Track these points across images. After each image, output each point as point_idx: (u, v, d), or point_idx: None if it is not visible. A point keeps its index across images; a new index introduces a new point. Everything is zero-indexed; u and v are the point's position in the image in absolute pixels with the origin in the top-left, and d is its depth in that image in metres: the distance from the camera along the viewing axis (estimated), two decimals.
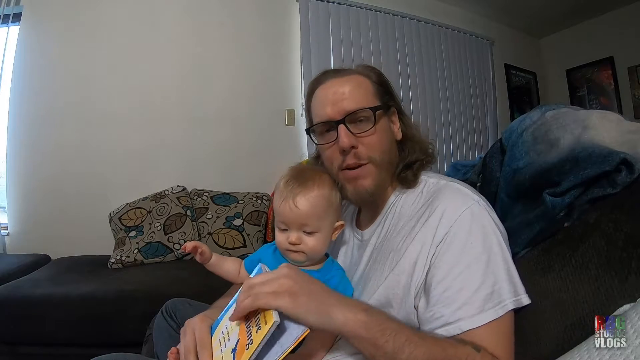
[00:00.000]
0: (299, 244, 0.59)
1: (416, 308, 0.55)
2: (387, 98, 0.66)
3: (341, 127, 0.60)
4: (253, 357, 0.44)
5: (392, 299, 0.56)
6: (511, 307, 0.50)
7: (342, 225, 0.65)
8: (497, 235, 0.54)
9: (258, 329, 0.45)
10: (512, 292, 0.51)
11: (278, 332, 0.45)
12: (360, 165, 0.61)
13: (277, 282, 0.46)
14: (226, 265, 0.71)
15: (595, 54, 3.41)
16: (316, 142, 0.67)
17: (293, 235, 0.59)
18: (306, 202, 0.58)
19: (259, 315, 0.47)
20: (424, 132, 0.70)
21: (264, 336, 0.44)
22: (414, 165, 0.64)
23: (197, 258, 0.68)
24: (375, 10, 2.75)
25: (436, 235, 0.54)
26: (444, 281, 0.52)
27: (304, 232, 0.60)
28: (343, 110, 0.60)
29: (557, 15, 3.37)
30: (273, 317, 0.44)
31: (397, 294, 0.56)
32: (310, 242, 0.60)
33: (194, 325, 0.55)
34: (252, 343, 0.45)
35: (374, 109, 0.61)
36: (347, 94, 0.61)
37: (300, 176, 0.61)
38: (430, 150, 0.68)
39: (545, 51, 3.86)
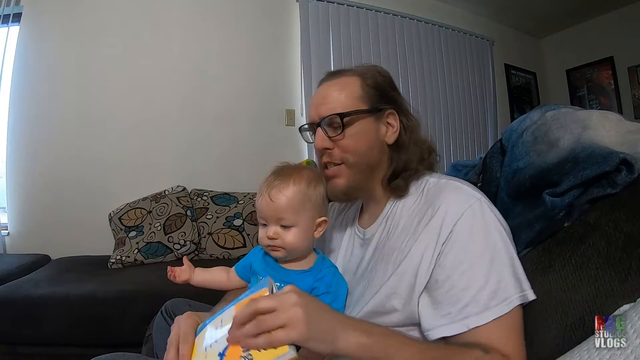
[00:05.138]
0: (276, 239, 0.60)
1: (421, 307, 0.55)
2: (377, 100, 0.65)
3: (318, 130, 0.64)
4: None
5: (395, 298, 0.56)
6: (517, 302, 0.50)
7: (326, 221, 0.65)
8: (500, 231, 0.54)
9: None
10: (517, 288, 0.51)
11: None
12: (335, 165, 0.64)
13: (286, 313, 0.43)
14: (212, 275, 0.72)
15: (595, 54, 3.41)
16: (307, 140, 0.72)
17: (271, 230, 0.60)
18: (281, 195, 0.59)
19: None
20: (427, 136, 0.69)
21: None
22: (405, 174, 0.64)
23: (178, 276, 0.69)
24: (375, 10, 2.76)
25: (440, 234, 0.54)
26: (448, 280, 0.52)
27: (281, 226, 0.60)
28: (319, 114, 0.64)
29: (557, 15, 3.37)
30: (287, 349, 0.43)
31: (401, 294, 0.56)
32: (288, 237, 0.60)
33: (180, 321, 0.56)
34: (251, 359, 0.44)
35: (342, 115, 0.62)
36: (328, 99, 0.64)
37: (279, 172, 0.63)
38: (429, 158, 0.66)
39: (545, 51, 3.86)
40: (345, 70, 0.68)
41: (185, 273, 0.69)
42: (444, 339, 0.52)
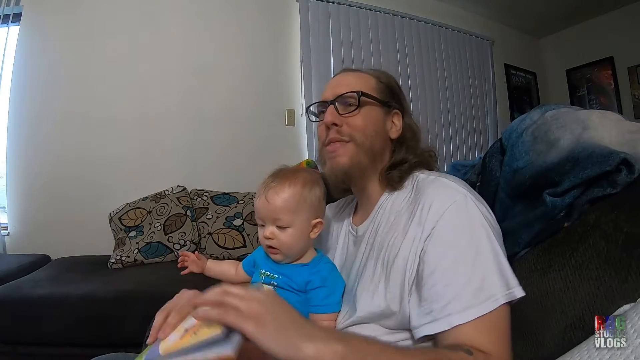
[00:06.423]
0: (272, 239, 0.62)
1: (410, 306, 0.54)
2: (388, 98, 0.69)
3: (330, 106, 0.67)
4: (183, 347, 0.42)
5: (391, 298, 0.56)
6: (503, 301, 0.49)
7: (321, 223, 0.66)
8: (485, 228, 0.53)
9: (208, 326, 0.43)
10: (503, 286, 0.49)
11: (218, 339, 0.41)
12: (341, 141, 0.65)
13: (248, 303, 0.42)
14: (222, 267, 0.80)
15: (595, 54, 3.40)
16: (312, 120, 0.76)
17: (267, 230, 0.63)
18: (277, 196, 0.62)
19: None
20: (426, 138, 0.73)
21: (203, 339, 0.41)
22: (402, 167, 0.66)
23: (191, 265, 0.78)
24: (375, 10, 2.76)
25: (424, 230, 0.54)
26: (432, 277, 0.52)
27: (277, 226, 0.63)
28: (335, 93, 0.67)
29: (557, 15, 3.37)
30: (218, 329, 0.41)
31: (395, 293, 0.56)
32: (283, 237, 0.62)
33: (185, 294, 0.54)
34: (195, 334, 0.43)
35: (360, 94, 0.65)
36: (345, 81, 0.68)
37: (276, 174, 0.66)
38: (428, 159, 0.69)
39: (545, 51, 3.86)
40: (362, 70, 0.73)
41: (198, 267, 0.78)
42: (430, 339, 0.51)
